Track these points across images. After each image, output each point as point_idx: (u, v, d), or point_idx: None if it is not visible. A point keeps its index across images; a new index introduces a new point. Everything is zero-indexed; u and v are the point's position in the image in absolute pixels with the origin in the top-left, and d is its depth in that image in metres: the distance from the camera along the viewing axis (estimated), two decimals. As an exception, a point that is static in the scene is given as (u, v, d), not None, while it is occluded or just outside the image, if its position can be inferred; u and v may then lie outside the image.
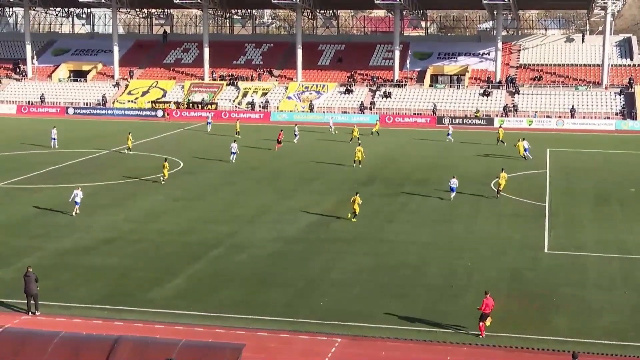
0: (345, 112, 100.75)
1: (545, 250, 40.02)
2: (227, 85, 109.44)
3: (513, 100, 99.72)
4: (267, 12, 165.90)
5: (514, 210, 48.85)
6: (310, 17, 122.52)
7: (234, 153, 65.14)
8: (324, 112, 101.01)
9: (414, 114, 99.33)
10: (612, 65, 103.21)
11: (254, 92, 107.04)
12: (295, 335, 28.69)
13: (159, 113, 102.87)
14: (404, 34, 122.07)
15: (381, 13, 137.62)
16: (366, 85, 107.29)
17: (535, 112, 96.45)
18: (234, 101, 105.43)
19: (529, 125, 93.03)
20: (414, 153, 71.43)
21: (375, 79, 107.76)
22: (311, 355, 27.05)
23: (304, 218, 46.37)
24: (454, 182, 51.67)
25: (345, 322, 29.81)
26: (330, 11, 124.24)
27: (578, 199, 52.30)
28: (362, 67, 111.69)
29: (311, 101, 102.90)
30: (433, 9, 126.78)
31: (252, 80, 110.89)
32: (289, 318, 30.16)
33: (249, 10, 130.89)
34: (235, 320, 29.87)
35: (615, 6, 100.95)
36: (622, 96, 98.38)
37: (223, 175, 60.18)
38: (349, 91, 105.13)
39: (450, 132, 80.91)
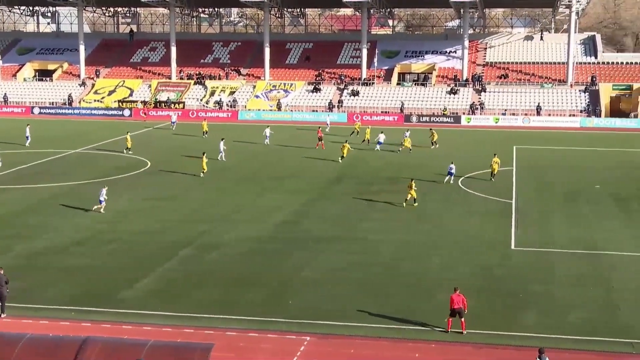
0: (314, 111, 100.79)
1: (512, 247, 40.34)
2: (195, 84, 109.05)
3: (480, 98, 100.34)
4: (235, 10, 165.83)
5: (483, 208, 49.17)
6: (277, 15, 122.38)
7: (222, 151, 64.76)
8: (292, 110, 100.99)
9: (382, 112, 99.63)
10: (577, 63, 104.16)
11: (221, 91, 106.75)
12: (265, 334, 28.66)
13: (126, 112, 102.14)
14: (372, 33, 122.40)
15: (349, 12, 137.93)
16: (334, 84, 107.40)
17: (505, 110, 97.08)
18: (201, 100, 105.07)
19: (496, 122, 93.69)
20: (383, 151, 71.56)
21: (343, 78, 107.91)
22: (280, 354, 27.04)
23: (275, 217, 46.33)
24: (452, 168, 55.48)
25: (316, 320, 29.84)
26: (298, 10, 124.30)
27: (545, 196, 52.76)
28: (330, 66, 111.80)
29: (279, 100, 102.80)
30: (400, 7, 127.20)
31: (219, 79, 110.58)
32: (260, 317, 30.12)
33: (216, 9, 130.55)
34: (205, 320, 29.78)
35: (580, 5, 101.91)
36: (586, 94, 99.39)
37: (193, 175, 59.89)
38: (317, 90, 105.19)
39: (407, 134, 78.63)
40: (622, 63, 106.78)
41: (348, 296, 32.77)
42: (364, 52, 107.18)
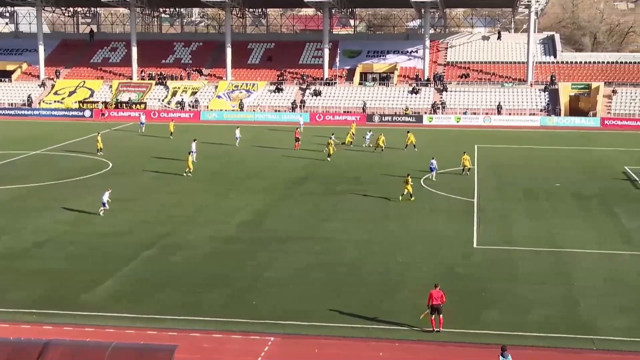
0: (277, 111, 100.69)
1: (475, 245, 40.65)
2: (156, 84, 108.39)
3: (441, 98, 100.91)
4: (196, 10, 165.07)
5: (445, 207, 49.47)
6: (239, 15, 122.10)
7: (194, 152, 64.43)
8: (254, 110, 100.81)
9: (344, 112, 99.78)
10: (536, 63, 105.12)
11: (183, 91, 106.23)
12: (229, 335, 28.62)
13: (87, 113, 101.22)
14: (333, 33, 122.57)
15: (310, 11, 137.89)
16: (296, 84, 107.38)
17: (467, 109, 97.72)
18: (163, 100, 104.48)
19: (457, 122, 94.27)
20: (347, 151, 71.68)
21: (305, 78, 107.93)
22: (244, 355, 27.01)
23: (239, 217, 46.24)
24: (434, 163, 56.95)
25: (280, 320, 29.86)
26: (260, 10, 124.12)
27: (506, 195, 53.20)
28: (292, 66, 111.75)
29: (241, 100, 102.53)
30: (362, 7, 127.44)
31: (181, 79, 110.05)
32: (224, 318, 30.07)
33: (177, 9, 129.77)
34: (169, 322, 29.66)
35: (539, 5, 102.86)
36: (546, 93, 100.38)
37: (156, 176, 59.61)
38: (279, 90, 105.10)
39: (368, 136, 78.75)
40: (580, 62, 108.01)
41: (312, 296, 32.82)
42: (326, 52, 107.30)
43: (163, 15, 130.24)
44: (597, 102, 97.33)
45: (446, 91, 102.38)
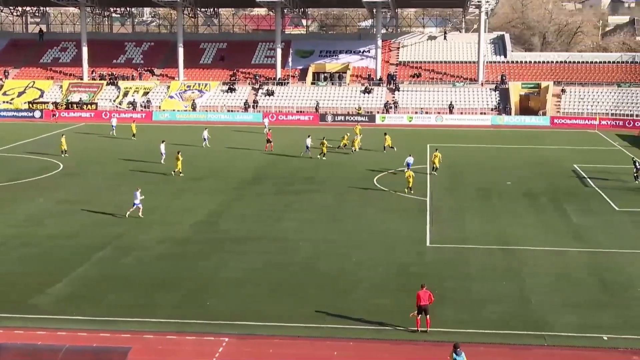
0: (230, 111, 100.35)
1: (428, 244, 40.96)
2: (107, 84, 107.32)
3: (394, 97, 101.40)
4: (147, 10, 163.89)
5: (398, 206, 49.76)
6: (191, 15, 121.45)
7: (163, 154, 63.82)
8: (206, 111, 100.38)
9: (297, 111, 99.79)
10: (487, 62, 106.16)
11: (135, 91, 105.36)
12: (183, 336, 28.52)
13: (37, 114, 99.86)
14: (286, 32, 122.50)
15: (262, 11, 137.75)
16: (249, 84, 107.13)
17: (422, 108, 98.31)
18: (114, 101, 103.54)
19: (410, 121, 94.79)
20: (300, 151, 71.71)
21: (257, 77, 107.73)
22: (199, 356, 26.95)
23: (192, 218, 46.04)
24: (411, 159, 58.14)
25: (234, 321, 29.82)
26: (211, 9, 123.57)
27: (459, 193, 53.68)
28: (244, 66, 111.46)
29: (194, 100, 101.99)
30: (314, 7, 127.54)
31: (133, 79, 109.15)
32: (178, 319, 29.97)
33: (128, 9, 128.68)
34: (122, 324, 29.45)
35: (489, 5, 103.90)
36: (497, 92, 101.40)
37: (108, 177, 59.11)
38: (231, 90, 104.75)
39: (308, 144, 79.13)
40: (530, 62, 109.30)
41: (267, 296, 32.83)
42: (279, 51, 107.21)
43: (114, 14, 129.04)
44: (547, 101, 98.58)
45: (398, 91, 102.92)
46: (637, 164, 58.89)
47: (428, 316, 28.93)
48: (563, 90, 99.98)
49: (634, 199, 51.97)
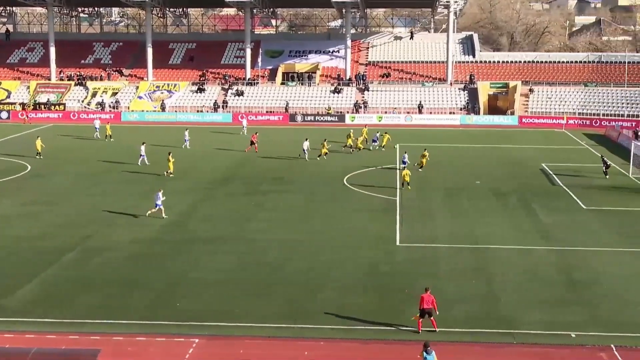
0: (200, 112, 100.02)
1: (398, 243, 41.11)
2: (76, 85, 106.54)
3: (363, 97, 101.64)
4: (115, 10, 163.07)
5: (368, 206, 49.88)
6: (159, 15, 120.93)
7: (143, 156, 63.38)
8: (176, 111, 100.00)
9: (267, 112, 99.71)
10: (456, 62, 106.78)
11: (103, 92, 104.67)
12: (153, 337, 28.39)
13: (4, 114, 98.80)
14: (255, 33, 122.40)
15: (232, 11, 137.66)
16: (218, 84, 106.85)
17: (394, 108, 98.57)
18: (82, 102, 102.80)
19: (379, 121, 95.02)
20: (269, 151, 71.66)
21: (227, 78, 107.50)
22: (168, 358, 26.85)
23: (162, 219, 45.80)
24: (405, 157, 60.95)
25: (204, 322, 29.75)
26: (181, 9, 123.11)
27: (428, 193, 53.88)
28: (214, 66, 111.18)
29: (163, 100, 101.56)
30: (283, 7, 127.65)
31: (101, 80, 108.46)
32: (147, 321, 29.83)
33: (96, 9, 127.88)
34: (91, 326, 29.26)
35: (458, 5, 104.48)
36: (465, 92, 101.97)
37: (77, 178, 58.66)
38: (201, 90, 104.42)
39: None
40: (498, 62, 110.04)
41: (236, 297, 32.78)
42: (248, 52, 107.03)
43: (82, 14, 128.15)
44: (515, 100, 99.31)
45: (368, 90, 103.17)
46: (605, 161, 59.96)
47: (432, 317, 29.11)
48: (531, 90, 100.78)
49: (601, 198, 52.50)
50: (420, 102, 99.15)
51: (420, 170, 60.74)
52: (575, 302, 32.34)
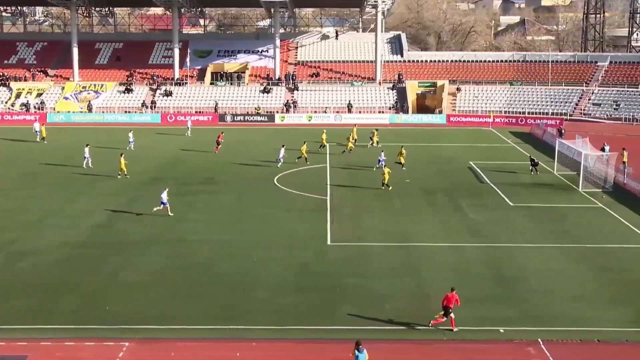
0: (127, 112, 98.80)
1: (329, 242, 41.24)
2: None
3: (293, 97, 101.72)
4: (39, 9, 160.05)
5: (299, 205, 49.93)
6: (85, 14, 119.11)
7: (87, 158, 62.04)
8: (103, 112, 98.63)
9: (196, 112, 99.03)
10: (384, 62, 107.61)
11: (28, 92, 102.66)
12: (82, 342, 27.98)
13: None
14: (183, 32, 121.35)
15: (159, 11, 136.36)
16: (146, 84, 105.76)
17: (326, 108, 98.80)
18: (6, 103, 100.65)
19: (309, 120, 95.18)
20: (199, 152, 71.19)
21: (155, 78, 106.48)
22: (99, 362, 26.53)
23: (89, 221, 45.14)
24: (382, 156, 61.44)
25: (135, 325, 29.44)
26: (107, 9, 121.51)
27: (358, 192, 54.15)
28: (141, 66, 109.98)
29: (89, 101, 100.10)
30: (211, 6, 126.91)
31: (25, 80, 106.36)
32: (76, 325, 29.40)
33: (19, 8, 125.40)
34: (18, 332, 28.69)
35: (385, 5, 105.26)
36: (394, 91, 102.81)
37: (2, 181, 57.44)
38: (128, 90, 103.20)
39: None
40: (426, 61, 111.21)
41: (168, 298, 32.51)
42: (176, 51, 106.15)
43: (4, 14, 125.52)
44: (443, 99, 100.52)
45: (297, 90, 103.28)
46: (533, 159, 61.23)
47: (452, 316, 29.48)
48: (458, 89, 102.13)
49: (528, 195, 53.47)
50: (349, 101, 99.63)
51: (403, 169, 61.35)
52: (504, 297, 32.88)
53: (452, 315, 29.54)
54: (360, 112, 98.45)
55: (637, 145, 71.57)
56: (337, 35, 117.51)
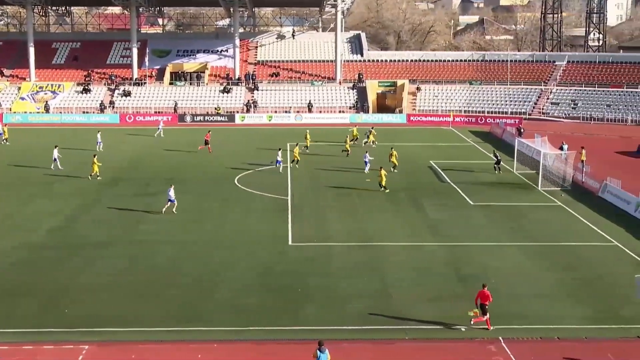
0: (85, 112, 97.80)
1: (290, 242, 41.15)
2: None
3: (253, 97, 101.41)
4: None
5: (260, 206, 49.77)
6: (41, 13, 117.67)
7: (56, 159, 61.04)
8: (61, 112, 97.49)
9: (155, 112, 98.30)
10: (344, 61, 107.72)
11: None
12: (40, 345, 27.60)
13: None
14: (142, 32, 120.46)
15: (117, 10, 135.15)
16: (104, 84, 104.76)
17: (288, 108, 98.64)
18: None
19: (269, 120, 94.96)
20: (159, 152, 70.66)
21: (113, 78, 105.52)
22: (58, 365, 26.18)
23: (47, 224, 44.58)
24: (366, 156, 60.96)
25: (94, 328, 29.13)
26: (63, 8, 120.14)
27: (319, 192, 54.12)
28: (99, 66, 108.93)
29: (47, 102, 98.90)
30: (170, 6, 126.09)
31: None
32: (34, 329, 28.99)
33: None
34: (-25, 336, 28.25)
35: (345, 4, 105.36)
36: (354, 90, 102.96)
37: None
38: (86, 90, 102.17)
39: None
40: (386, 61, 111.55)
41: (128, 300, 32.20)
42: (135, 51, 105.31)
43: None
44: (403, 99, 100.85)
45: (257, 90, 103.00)
46: (497, 156, 61.66)
47: (473, 313, 29.58)
48: (418, 88, 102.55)
49: (487, 194, 53.79)
50: (310, 101, 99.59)
51: (394, 170, 60.54)
52: (465, 296, 32.96)
53: (487, 315, 29.60)
54: (320, 111, 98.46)
55: (595, 144, 72.47)
56: (293, 35, 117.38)
